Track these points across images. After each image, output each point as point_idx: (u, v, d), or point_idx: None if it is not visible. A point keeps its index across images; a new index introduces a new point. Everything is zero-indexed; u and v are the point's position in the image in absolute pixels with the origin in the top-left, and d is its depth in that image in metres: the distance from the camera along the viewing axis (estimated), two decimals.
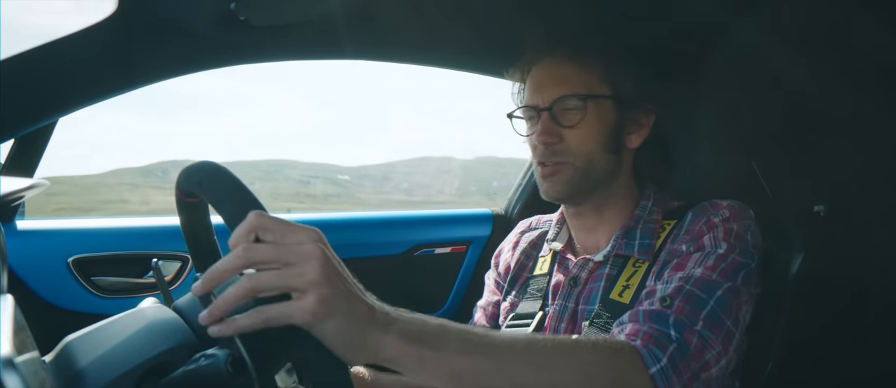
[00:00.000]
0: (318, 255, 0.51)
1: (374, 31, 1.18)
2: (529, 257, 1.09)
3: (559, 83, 0.94)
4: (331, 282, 0.51)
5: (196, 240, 0.78)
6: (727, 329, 0.77)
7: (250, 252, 0.50)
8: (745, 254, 0.83)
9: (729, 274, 0.80)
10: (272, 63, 1.18)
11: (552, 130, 0.93)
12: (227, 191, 0.57)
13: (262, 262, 0.50)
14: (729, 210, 0.87)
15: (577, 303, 0.94)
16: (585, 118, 0.92)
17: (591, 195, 0.96)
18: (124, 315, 0.64)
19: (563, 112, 0.93)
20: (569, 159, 0.93)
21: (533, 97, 0.96)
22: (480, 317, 1.11)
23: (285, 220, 0.52)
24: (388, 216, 1.66)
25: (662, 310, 0.76)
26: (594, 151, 0.93)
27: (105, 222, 1.36)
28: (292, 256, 0.50)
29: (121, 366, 0.53)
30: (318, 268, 0.50)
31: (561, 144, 0.93)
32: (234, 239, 0.51)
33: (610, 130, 0.94)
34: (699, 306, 0.77)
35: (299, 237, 0.52)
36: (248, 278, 0.50)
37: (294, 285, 0.50)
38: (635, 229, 0.94)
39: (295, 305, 0.50)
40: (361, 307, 0.53)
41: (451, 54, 1.34)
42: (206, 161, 0.64)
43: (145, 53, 0.99)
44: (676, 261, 0.84)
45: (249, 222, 0.51)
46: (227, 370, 0.46)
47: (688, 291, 0.78)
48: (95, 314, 1.24)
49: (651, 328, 0.74)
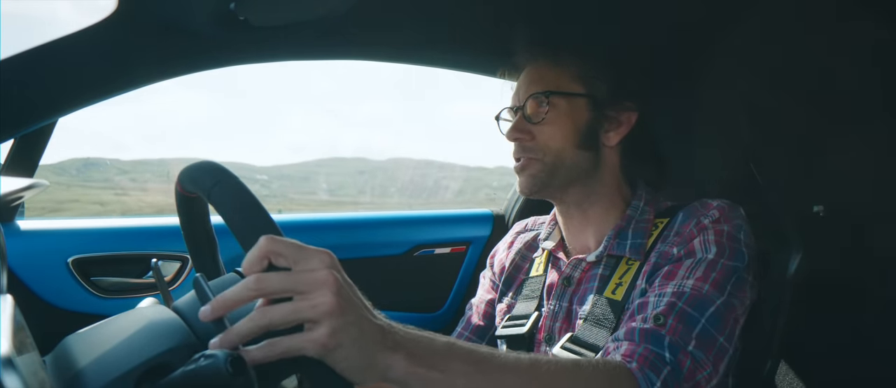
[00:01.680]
0: (330, 283, 0.50)
1: (373, 32, 1.18)
2: (525, 258, 1.10)
3: (532, 83, 0.98)
4: (343, 311, 0.50)
5: (195, 236, 0.78)
6: (719, 347, 0.78)
7: (262, 283, 0.50)
8: (736, 256, 0.84)
9: (721, 284, 0.81)
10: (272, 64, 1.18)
11: (522, 127, 0.97)
12: (240, 206, 0.56)
13: (274, 293, 0.50)
14: (718, 211, 0.87)
15: (571, 303, 0.95)
16: (553, 114, 0.95)
17: (569, 191, 0.98)
18: (124, 315, 0.64)
19: (533, 110, 0.96)
20: (537, 155, 0.96)
21: (513, 99, 1.01)
22: (473, 315, 1.12)
23: (298, 244, 0.52)
24: (388, 216, 1.67)
25: (657, 329, 0.77)
26: (564, 148, 0.95)
27: (105, 222, 1.36)
28: (305, 285, 0.50)
29: (120, 366, 0.53)
30: (331, 297, 0.50)
31: (531, 140, 0.96)
32: (247, 266, 0.51)
33: (582, 128, 0.96)
34: (691, 325, 0.78)
35: (312, 264, 0.51)
36: (260, 314, 0.50)
37: (307, 317, 0.50)
38: (627, 229, 0.94)
39: (307, 337, 0.50)
40: (371, 331, 0.53)
41: (450, 54, 1.34)
42: (213, 165, 0.63)
43: (145, 53, 0.99)
44: (668, 269, 0.84)
45: (261, 247, 0.51)
46: (226, 371, 0.46)
47: (680, 309, 0.79)
48: (95, 315, 1.24)
49: (647, 349, 0.75)
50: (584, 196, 0.98)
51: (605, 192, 0.98)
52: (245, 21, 0.97)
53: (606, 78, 0.96)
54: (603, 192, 0.98)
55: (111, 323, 0.63)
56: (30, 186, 1.16)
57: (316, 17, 1.03)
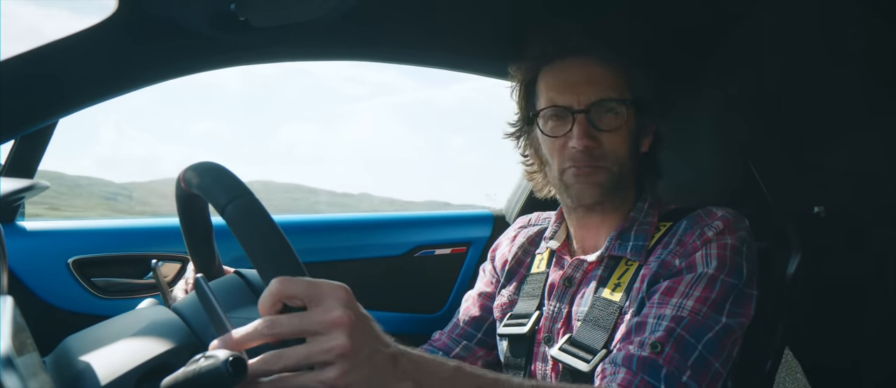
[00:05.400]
0: (344, 324, 0.50)
1: (374, 32, 1.18)
2: (527, 254, 1.10)
3: (593, 85, 0.91)
4: (356, 351, 0.51)
5: (194, 233, 0.77)
6: (714, 372, 0.78)
7: (275, 328, 0.50)
8: (736, 272, 0.83)
9: (720, 305, 0.81)
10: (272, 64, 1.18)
11: (591, 134, 0.91)
12: (259, 231, 0.55)
13: (287, 336, 0.51)
14: (723, 222, 0.87)
15: (571, 304, 0.95)
16: (617, 122, 0.91)
17: (612, 200, 0.96)
18: (124, 316, 0.64)
19: (601, 115, 0.91)
20: (606, 164, 0.91)
21: (563, 97, 0.92)
22: (469, 306, 1.12)
23: (312, 282, 0.52)
24: (388, 217, 1.66)
25: (654, 358, 0.77)
26: (626, 157, 0.93)
27: (105, 222, 1.36)
28: (319, 327, 0.50)
29: (121, 366, 0.53)
30: (344, 340, 0.50)
31: (599, 148, 0.91)
32: (262, 307, 0.52)
33: (635, 136, 0.95)
34: (688, 352, 0.78)
35: (326, 303, 0.51)
36: (275, 357, 0.50)
37: (320, 361, 0.50)
38: (630, 231, 0.94)
39: (318, 377, 0.50)
40: (382, 364, 0.53)
41: (451, 55, 1.34)
42: (226, 173, 0.61)
43: (145, 54, 0.99)
44: (668, 284, 0.84)
45: (274, 291, 0.51)
46: (226, 371, 0.46)
47: (678, 335, 0.79)
48: (95, 315, 1.24)
49: (643, 380, 0.76)
50: (614, 203, 0.96)
51: (624, 198, 0.98)
52: (245, 22, 0.97)
53: (646, 83, 0.95)
54: (623, 198, 0.97)
55: (111, 324, 0.63)
56: (30, 186, 1.16)
57: (316, 17, 1.02)
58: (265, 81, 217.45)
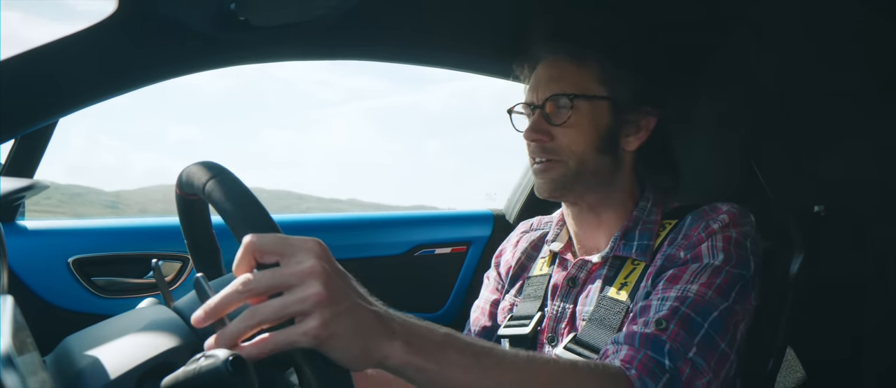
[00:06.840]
0: (318, 273, 0.50)
1: (375, 32, 1.18)
2: (530, 258, 1.09)
3: (553, 81, 0.94)
4: (333, 300, 0.50)
5: (195, 239, 0.78)
6: (721, 353, 0.77)
7: (249, 285, 0.50)
8: (742, 264, 0.83)
9: (725, 290, 0.80)
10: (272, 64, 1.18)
11: (541, 128, 0.93)
12: (233, 199, 0.56)
13: (263, 292, 0.50)
14: (728, 216, 0.87)
15: (576, 304, 0.94)
16: (575, 118, 0.92)
17: (586, 196, 0.96)
18: (124, 315, 0.64)
19: (555, 110, 0.93)
20: (560, 157, 0.93)
21: (529, 94, 0.97)
22: (479, 316, 1.11)
23: (282, 237, 0.51)
24: (388, 216, 1.66)
25: (658, 335, 0.76)
26: (586, 152, 0.93)
27: (105, 221, 1.36)
28: (293, 278, 0.50)
29: (121, 366, 0.53)
30: (319, 288, 0.49)
31: (551, 142, 0.93)
32: (235, 268, 0.51)
33: (604, 132, 0.94)
34: (694, 330, 0.77)
35: (299, 256, 0.51)
36: (251, 314, 0.50)
37: (296, 311, 0.49)
38: (634, 230, 0.93)
39: (299, 330, 0.49)
40: (366, 318, 0.53)
41: (451, 54, 1.34)
42: (208, 162, 0.64)
43: (145, 53, 0.99)
44: (672, 272, 0.83)
45: (246, 247, 0.50)
46: (227, 370, 0.46)
47: (683, 313, 0.78)
48: (95, 314, 1.24)
49: (646, 355, 0.75)
50: (599, 200, 0.96)
51: (620, 196, 0.97)
52: (245, 21, 0.97)
53: (629, 81, 0.94)
54: (618, 196, 0.97)
55: (111, 323, 0.63)
56: (30, 186, 1.16)
57: (316, 17, 1.02)
58: (239, 83, 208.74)
